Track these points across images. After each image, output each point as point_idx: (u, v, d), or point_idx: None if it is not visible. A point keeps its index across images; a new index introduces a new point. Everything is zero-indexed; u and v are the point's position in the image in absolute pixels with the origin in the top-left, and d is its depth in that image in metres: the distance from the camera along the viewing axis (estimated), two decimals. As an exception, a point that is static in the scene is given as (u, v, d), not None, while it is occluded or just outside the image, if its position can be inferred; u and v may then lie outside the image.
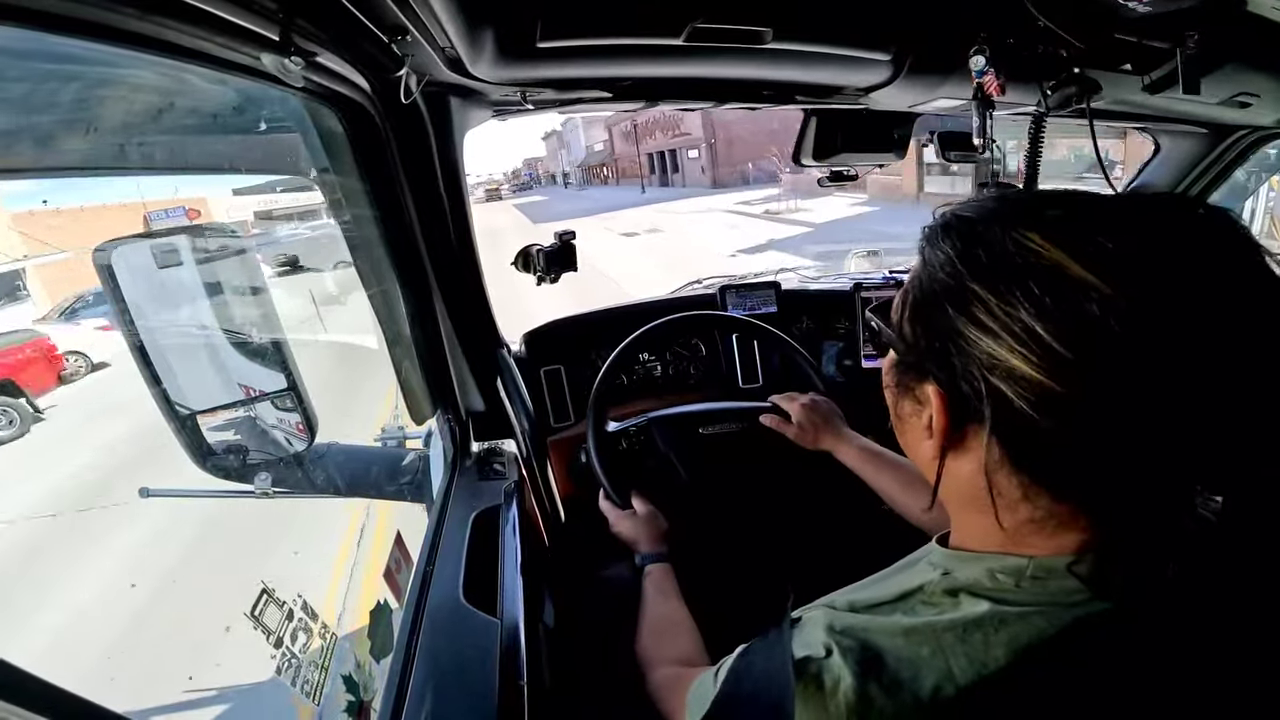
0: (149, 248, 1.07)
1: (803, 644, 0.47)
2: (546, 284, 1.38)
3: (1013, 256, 0.40)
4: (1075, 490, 0.42)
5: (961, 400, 0.43)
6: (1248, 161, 1.77)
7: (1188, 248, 0.38)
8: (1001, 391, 0.40)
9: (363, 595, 3.24)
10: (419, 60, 0.89)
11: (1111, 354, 0.37)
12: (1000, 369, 0.39)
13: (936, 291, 0.44)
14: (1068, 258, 0.38)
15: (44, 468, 5.10)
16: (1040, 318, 0.38)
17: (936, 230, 0.46)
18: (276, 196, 11.38)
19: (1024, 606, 0.42)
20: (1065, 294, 0.37)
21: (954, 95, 1.20)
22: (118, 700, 0.42)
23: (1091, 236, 0.38)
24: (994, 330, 0.39)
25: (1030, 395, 0.38)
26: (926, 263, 0.46)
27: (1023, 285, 0.38)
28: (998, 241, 0.41)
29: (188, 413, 1.10)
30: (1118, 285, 0.36)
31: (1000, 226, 0.42)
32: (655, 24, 0.90)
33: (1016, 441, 0.41)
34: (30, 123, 0.68)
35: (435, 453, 1.40)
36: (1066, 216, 0.40)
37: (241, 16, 0.58)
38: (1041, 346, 0.37)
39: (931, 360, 0.44)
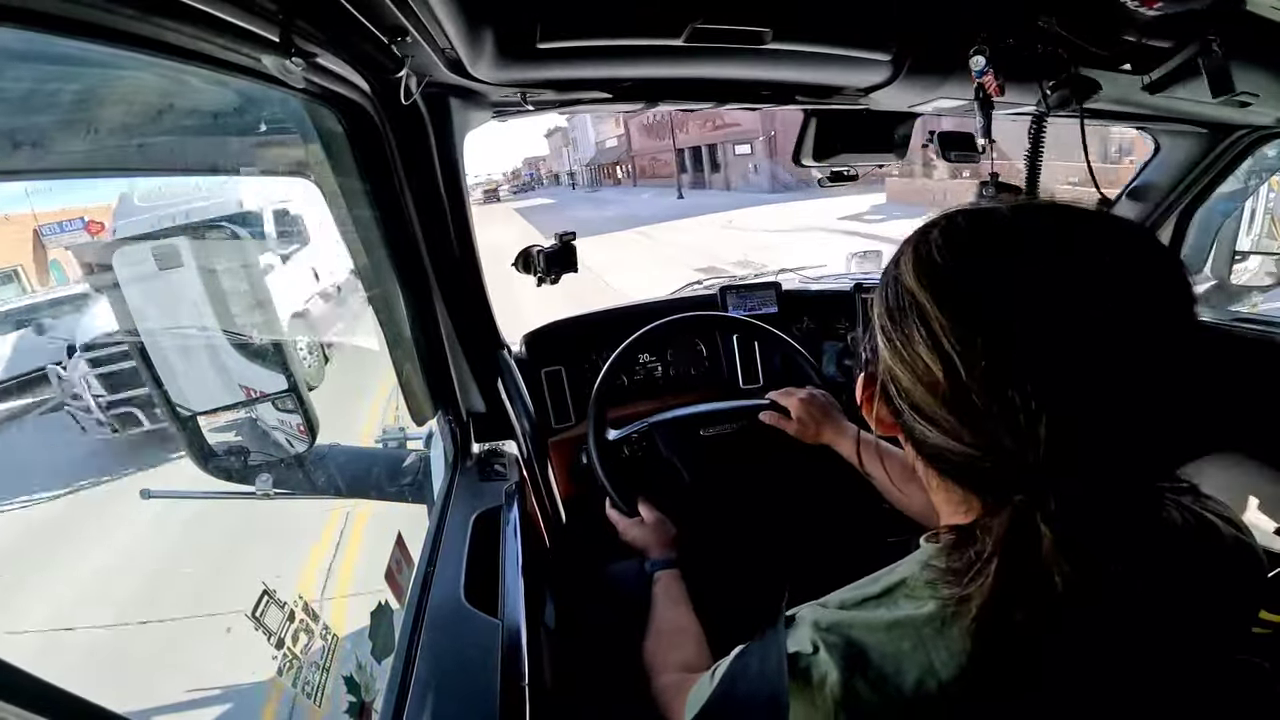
0: (150, 248, 1.07)
1: (795, 641, 0.48)
2: (547, 285, 1.38)
3: (901, 299, 0.45)
4: (961, 476, 0.46)
5: (886, 395, 0.49)
6: (1247, 161, 1.77)
7: (1084, 264, 0.41)
8: (890, 385, 0.47)
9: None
10: (419, 61, 0.89)
11: (925, 344, 0.42)
12: (885, 363, 0.47)
13: (878, 324, 0.48)
14: (930, 301, 0.42)
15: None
16: (886, 315, 0.46)
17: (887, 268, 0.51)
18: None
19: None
20: (935, 332, 0.42)
21: (954, 95, 1.20)
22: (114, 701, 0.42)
23: (950, 276, 0.43)
24: (883, 328, 0.46)
25: (896, 382, 0.46)
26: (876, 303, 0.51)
27: (908, 325, 0.44)
28: (894, 284, 0.46)
29: (189, 414, 1.10)
30: (968, 325, 0.41)
31: (898, 266, 0.47)
32: (655, 25, 0.90)
33: (910, 431, 0.48)
34: (29, 124, 0.68)
35: (436, 454, 1.40)
36: (940, 253, 0.44)
37: (242, 18, 0.58)
38: (886, 335, 0.46)
39: (874, 363, 0.49)
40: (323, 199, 1.09)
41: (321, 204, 1.06)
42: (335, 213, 1.11)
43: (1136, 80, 1.08)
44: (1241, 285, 2.10)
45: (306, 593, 3.29)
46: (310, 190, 1.05)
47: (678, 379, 1.77)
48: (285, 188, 4.56)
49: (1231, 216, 2.03)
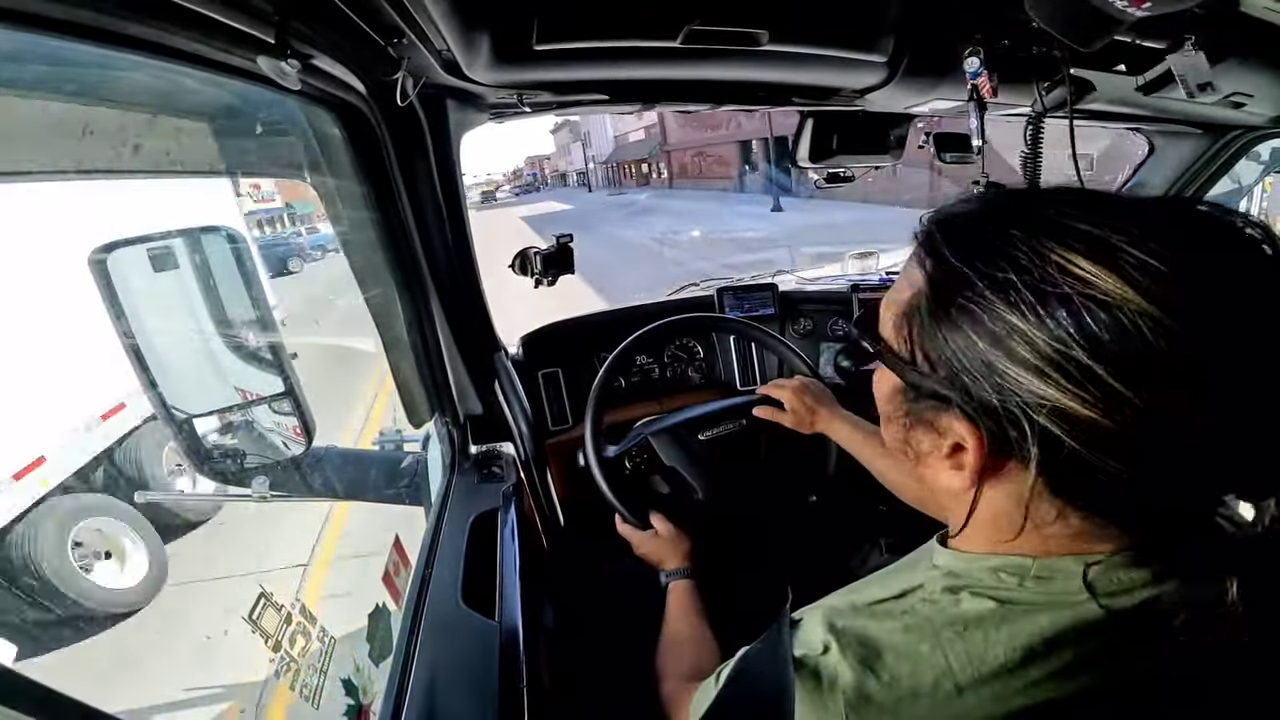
0: (145, 250, 1.07)
1: (801, 643, 0.47)
2: (544, 286, 1.38)
3: (1055, 283, 0.35)
4: (1117, 510, 0.40)
5: (1000, 437, 0.39)
6: (1241, 161, 1.77)
7: (1240, 265, 0.35)
8: (1050, 431, 0.36)
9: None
10: (415, 63, 0.89)
11: (1176, 389, 0.34)
12: (1049, 409, 0.36)
13: (955, 317, 0.40)
14: (1125, 286, 0.34)
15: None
16: (1098, 357, 0.34)
17: (936, 237, 0.42)
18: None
19: (1027, 605, 0.41)
20: (1126, 329, 0.34)
21: (949, 96, 1.21)
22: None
23: (1141, 258, 0.34)
24: (1040, 368, 0.36)
25: (1084, 434, 0.36)
26: (935, 280, 0.42)
27: (1076, 319, 0.35)
28: (1031, 261, 0.37)
29: (184, 417, 1.09)
30: (1180, 315, 0.33)
31: (1032, 243, 0.37)
32: (652, 26, 0.90)
33: (1061, 474, 0.38)
34: (26, 126, 0.68)
35: (433, 456, 1.40)
36: (1105, 230, 0.36)
37: (237, 19, 0.58)
38: (1100, 387, 0.34)
39: (958, 393, 0.40)
40: (319, 201, 1.09)
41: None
42: (332, 215, 1.11)
43: (1130, 81, 1.09)
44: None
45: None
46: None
47: (675, 381, 1.77)
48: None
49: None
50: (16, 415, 2.81)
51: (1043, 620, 0.40)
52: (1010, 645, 0.40)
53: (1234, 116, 1.42)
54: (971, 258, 0.39)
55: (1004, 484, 0.42)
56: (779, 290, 1.86)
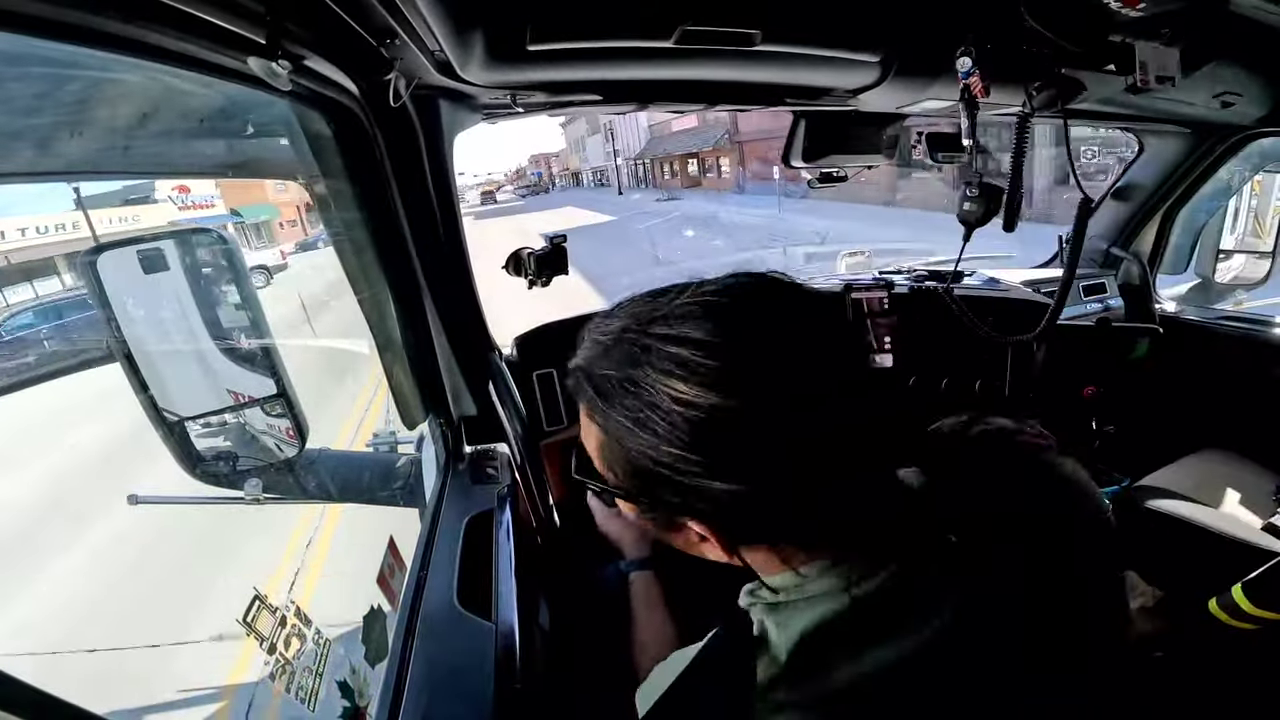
0: (135, 252, 1.06)
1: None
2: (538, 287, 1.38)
3: (676, 412, 0.44)
4: (817, 541, 0.49)
5: (720, 521, 0.48)
6: (1231, 161, 1.79)
7: (777, 329, 0.46)
8: (726, 510, 0.46)
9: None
10: (408, 63, 0.89)
11: (776, 447, 0.43)
12: (720, 495, 0.45)
13: (629, 450, 0.48)
14: (705, 391, 0.43)
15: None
16: (699, 450, 0.43)
17: (586, 388, 0.51)
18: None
19: (797, 603, 0.50)
20: (724, 425, 0.43)
21: (941, 96, 1.21)
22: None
23: (706, 364, 0.43)
24: (700, 472, 0.44)
25: (744, 505, 0.45)
26: (601, 425, 0.50)
27: (701, 431, 0.43)
28: (653, 401, 0.45)
29: (176, 419, 1.08)
30: (746, 399, 0.43)
31: (643, 385, 0.45)
32: (645, 27, 0.90)
33: (768, 531, 0.49)
34: (14, 127, 0.67)
35: (428, 457, 1.39)
36: (680, 348, 0.44)
37: (228, 20, 0.58)
38: (740, 474, 0.44)
39: (675, 509, 0.49)
40: (310, 201, 1.09)
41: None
42: (324, 216, 1.11)
43: (1120, 80, 1.09)
44: (1226, 284, 2.12)
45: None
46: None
47: None
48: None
49: (1215, 215, 2.05)
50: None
51: (810, 616, 0.48)
52: (796, 629, 0.48)
53: (1223, 116, 1.43)
54: (612, 403, 0.47)
55: (755, 550, 0.51)
56: None
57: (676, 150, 35.09)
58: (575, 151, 65.30)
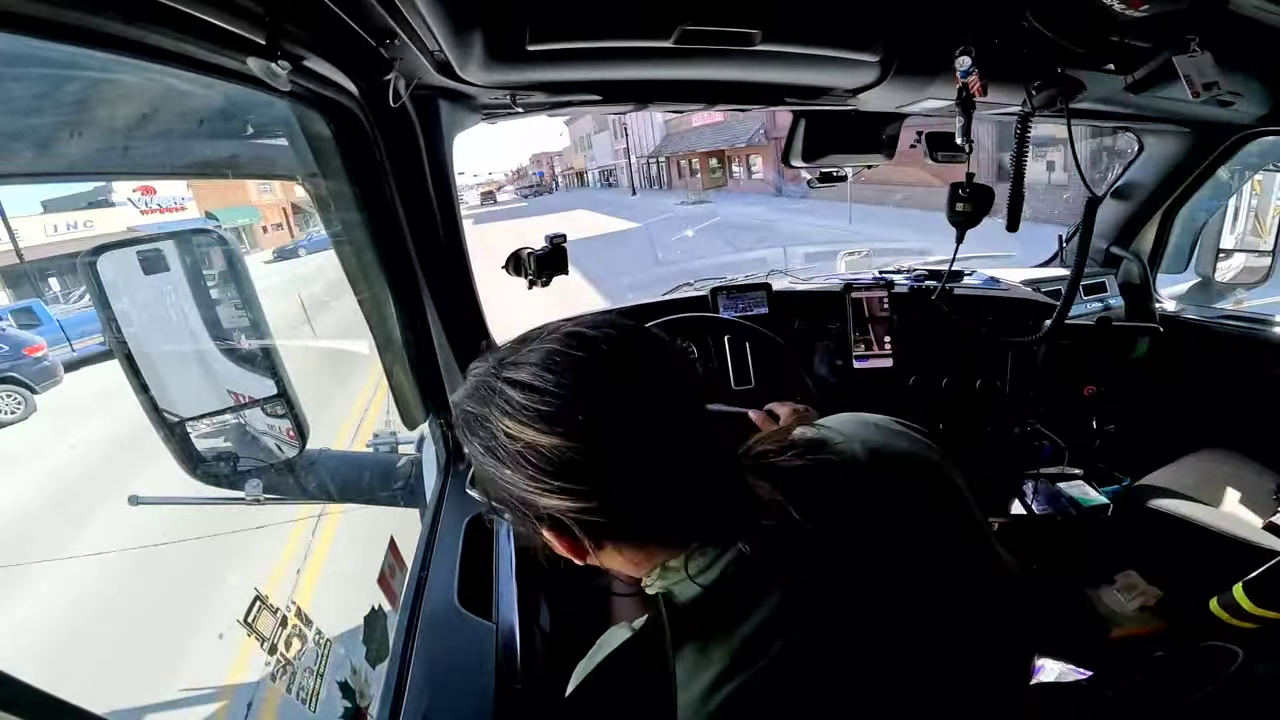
0: (134, 253, 1.06)
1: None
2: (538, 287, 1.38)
3: (509, 445, 0.52)
4: (657, 537, 0.57)
5: (566, 531, 0.55)
6: (1231, 160, 1.79)
7: (601, 375, 0.53)
8: (566, 520, 0.53)
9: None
10: (407, 64, 0.89)
11: (596, 472, 0.51)
12: (563, 510, 0.52)
13: (491, 477, 0.56)
14: (537, 434, 0.51)
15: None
16: (553, 476, 0.51)
17: (461, 428, 0.58)
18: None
19: (671, 588, 0.58)
20: (550, 457, 0.51)
21: (941, 96, 1.21)
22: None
23: (537, 409, 0.51)
24: (536, 491, 0.52)
25: (587, 514, 0.52)
26: (470, 454, 0.58)
27: (529, 461, 0.51)
28: (495, 434, 0.53)
29: (176, 420, 1.09)
30: (568, 437, 0.50)
31: (490, 421, 0.54)
32: (645, 27, 0.90)
33: (609, 536, 0.56)
34: (14, 127, 0.67)
35: (428, 457, 1.39)
36: (519, 394, 0.52)
37: (228, 21, 0.58)
38: (567, 492, 0.51)
39: (529, 517, 0.56)
40: (297, 202, 1.09)
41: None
42: (324, 215, 1.11)
43: (1121, 80, 1.09)
44: (1226, 283, 2.12)
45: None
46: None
47: None
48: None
49: (1216, 214, 2.05)
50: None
51: (681, 598, 0.57)
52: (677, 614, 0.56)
53: (1223, 115, 1.43)
54: (472, 436, 0.56)
55: (603, 552, 0.59)
56: (772, 290, 1.87)
57: (700, 147, 31.33)
58: (580, 150, 61.64)
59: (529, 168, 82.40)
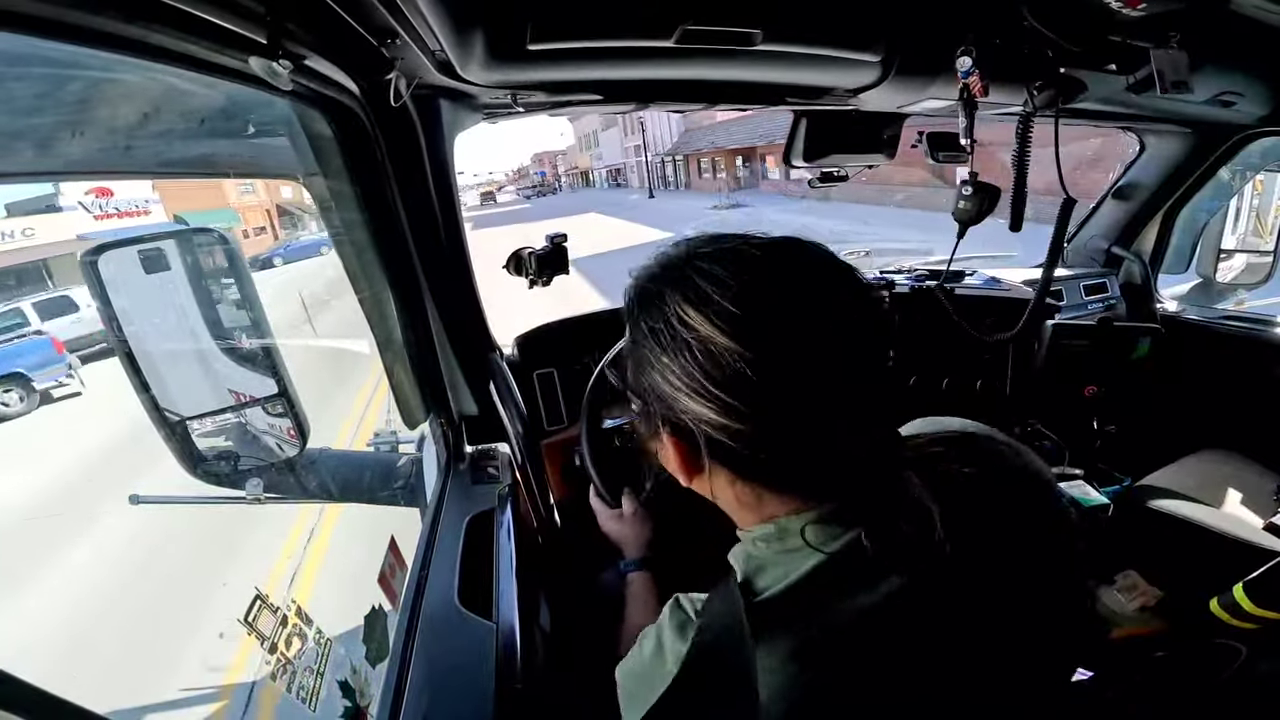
0: (135, 252, 1.06)
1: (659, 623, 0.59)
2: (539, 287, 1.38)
3: (680, 333, 0.49)
4: (791, 484, 0.52)
5: (688, 441, 0.52)
6: (1232, 160, 1.78)
7: (800, 295, 0.49)
8: (708, 434, 0.50)
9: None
10: (408, 63, 0.89)
11: (760, 393, 0.47)
12: (702, 418, 0.49)
13: (640, 358, 0.53)
14: (713, 330, 0.47)
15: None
16: (713, 380, 0.48)
17: (632, 300, 0.56)
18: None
19: (774, 559, 0.53)
20: (720, 360, 0.47)
21: (941, 96, 1.21)
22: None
23: (723, 306, 0.48)
24: (686, 391, 0.49)
25: (727, 434, 0.49)
26: (629, 331, 0.56)
27: (692, 356, 0.48)
28: (668, 317, 0.50)
29: (177, 419, 1.09)
30: (748, 345, 0.47)
31: (668, 302, 0.51)
32: (646, 26, 0.90)
33: (734, 465, 0.52)
34: (18, 126, 0.67)
35: (428, 457, 1.39)
36: (706, 283, 0.49)
37: (229, 20, 0.58)
38: (720, 401, 0.48)
39: (656, 414, 0.54)
40: (311, 201, 1.09)
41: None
42: (325, 215, 1.11)
43: (1122, 80, 1.09)
44: (1227, 283, 2.12)
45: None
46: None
47: None
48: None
49: (1217, 215, 2.05)
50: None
51: (780, 570, 0.52)
52: (772, 586, 0.51)
53: (1224, 116, 1.43)
54: (641, 313, 0.53)
55: (715, 479, 0.54)
56: None
57: (727, 143, 28.49)
58: (586, 148, 59.39)
59: (530, 167, 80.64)
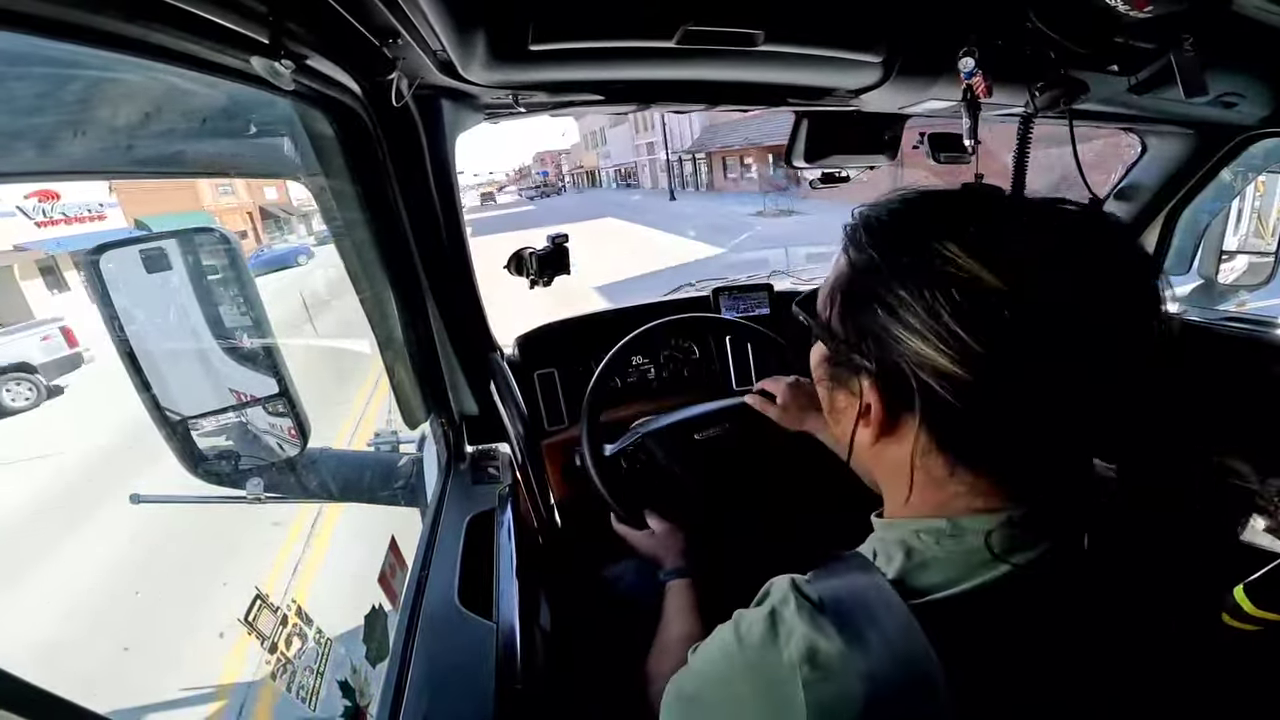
0: (137, 251, 1.06)
1: (763, 605, 0.51)
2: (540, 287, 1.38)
3: (936, 266, 0.43)
4: (992, 465, 0.47)
5: (894, 392, 0.47)
6: (1234, 162, 1.78)
7: (1079, 253, 0.43)
8: (929, 385, 0.44)
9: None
10: (410, 63, 0.89)
11: (1015, 347, 0.42)
12: (927, 366, 0.44)
13: (865, 293, 0.47)
14: (982, 268, 0.42)
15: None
16: (959, 321, 0.42)
17: (859, 231, 0.50)
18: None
19: (944, 561, 0.47)
20: (979, 299, 0.42)
21: (943, 97, 1.21)
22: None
23: (1001, 247, 0.43)
24: (921, 331, 0.43)
25: (952, 386, 0.43)
26: (852, 263, 0.50)
27: (945, 292, 0.43)
28: (921, 249, 0.44)
29: (178, 418, 1.09)
30: (1020, 290, 0.41)
31: (922, 234, 0.45)
32: (647, 27, 0.90)
33: (941, 427, 0.46)
34: (18, 126, 0.67)
35: (429, 457, 1.40)
36: (981, 228, 0.44)
37: (231, 20, 0.58)
38: (960, 345, 0.42)
39: (864, 356, 0.48)
40: (314, 201, 1.09)
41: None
42: (326, 215, 1.11)
43: (1124, 81, 1.09)
44: (1229, 285, 2.12)
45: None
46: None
47: (671, 381, 1.77)
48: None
49: (1218, 216, 2.04)
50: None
51: (951, 573, 0.46)
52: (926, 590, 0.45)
53: (1225, 117, 1.43)
54: (880, 246, 0.47)
55: (902, 437, 0.49)
56: (774, 290, 1.86)
57: (763, 140, 25.03)
58: (592, 146, 55.59)
59: (532, 166, 76.86)
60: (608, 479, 1.22)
